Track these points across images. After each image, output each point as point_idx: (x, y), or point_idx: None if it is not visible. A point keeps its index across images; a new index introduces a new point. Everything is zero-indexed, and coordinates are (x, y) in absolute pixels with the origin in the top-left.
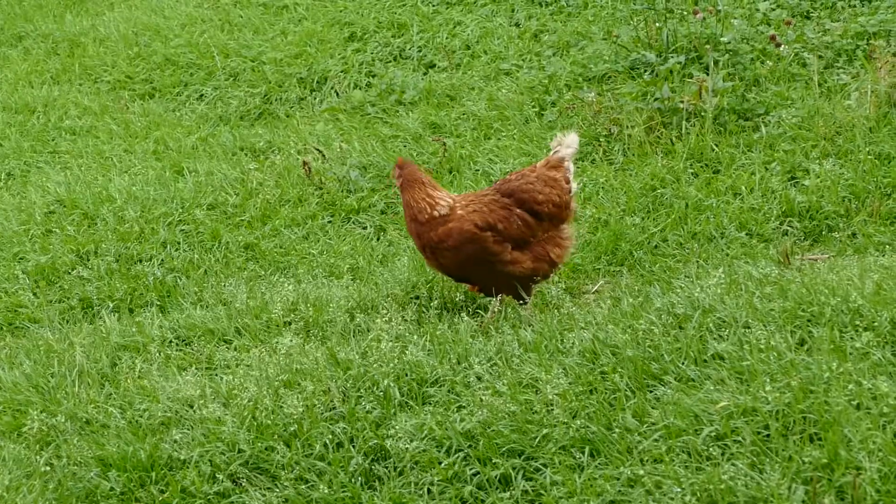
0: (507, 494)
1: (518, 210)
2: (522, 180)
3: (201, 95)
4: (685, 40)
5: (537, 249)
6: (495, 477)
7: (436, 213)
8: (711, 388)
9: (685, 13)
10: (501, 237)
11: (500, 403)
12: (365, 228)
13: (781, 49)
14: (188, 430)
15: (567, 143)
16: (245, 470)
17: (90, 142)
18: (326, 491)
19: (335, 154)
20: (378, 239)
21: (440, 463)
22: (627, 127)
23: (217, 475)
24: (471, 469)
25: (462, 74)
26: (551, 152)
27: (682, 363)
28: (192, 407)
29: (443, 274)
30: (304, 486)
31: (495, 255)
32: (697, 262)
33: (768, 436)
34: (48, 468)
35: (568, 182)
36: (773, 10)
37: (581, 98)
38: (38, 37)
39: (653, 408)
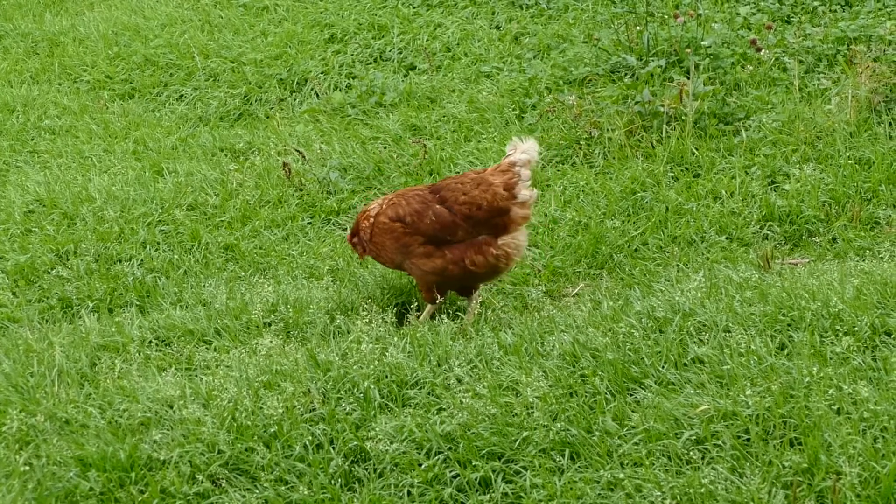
0: (487, 497)
1: (438, 206)
2: (456, 179)
3: (181, 96)
4: (666, 44)
5: (455, 251)
6: (475, 479)
7: (371, 219)
8: (692, 391)
9: (666, 17)
10: (411, 229)
11: (481, 406)
12: (345, 230)
13: (762, 53)
14: (168, 430)
15: (523, 149)
16: (225, 471)
17: (70, 141)
18: (306, 492)
19: (315, 155)
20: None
21: (420, 465)
22: (608, 130)
23: (197, 476)
24: (451, 471)
25: (442, 76)
26: (504, 156)
27: (663, 367)
28: (171, 407)
29: (391, 268)
30: (283, 488)
31: (407, 247)
32: (678, 265)
33: (748, 440)
34: (27, 468)
35: (509, 188)
36: (754, 14)
37: (561, 101)
38: (17, 36)
39: (633, 411)
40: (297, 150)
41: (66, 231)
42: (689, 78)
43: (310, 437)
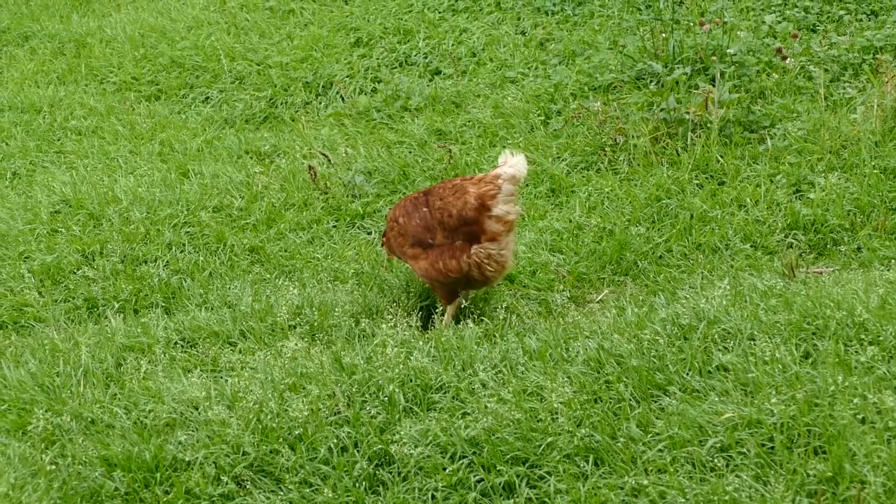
0: (511, 502)
1: (423, 209)
2: (442, 184)
3: (207, 98)
4: (691, 51)
5: (434, 254)
6: (499, 484)
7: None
8: (716, 399)
9: (692, 24)
10: (402, 230)
11: (505, 411)
12: (370, 234)
13: (787, 62)
14: (193, 431)
15: (511, 163)
16: (249, 472)
17: (96, 142)
18: (331, 495)
19: (340, 159)
20: (383, 244)
21: (444, 469)
22: (633, 137)
23: (221, 477)
24: (475, 476)
25: (468, 81)
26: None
27: (687, 374)
28: (196, 409)
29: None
30: (308, 490)
31: (401, 247)
32: (702, 273)
33: (773, 448)
34: (53, 467)
35: (484, 199)
36: (780, 22)
37: (586, 107)
38: (44, 37)
39: (657, 418)
40: (323, 154)
41: (92, 232)
42: (714, 85)
43: (334, 440)
